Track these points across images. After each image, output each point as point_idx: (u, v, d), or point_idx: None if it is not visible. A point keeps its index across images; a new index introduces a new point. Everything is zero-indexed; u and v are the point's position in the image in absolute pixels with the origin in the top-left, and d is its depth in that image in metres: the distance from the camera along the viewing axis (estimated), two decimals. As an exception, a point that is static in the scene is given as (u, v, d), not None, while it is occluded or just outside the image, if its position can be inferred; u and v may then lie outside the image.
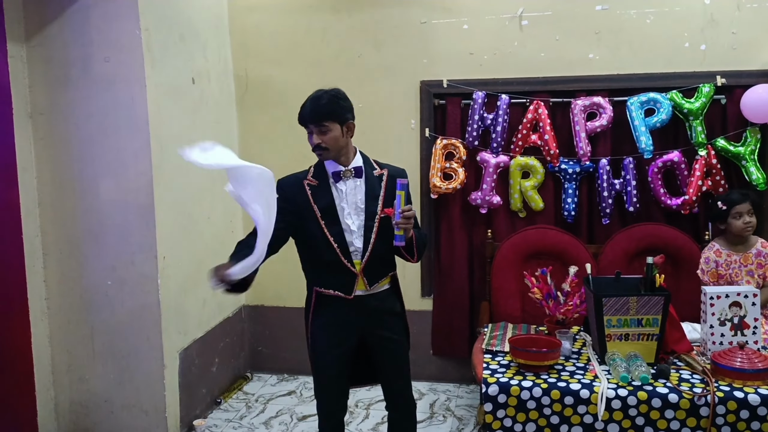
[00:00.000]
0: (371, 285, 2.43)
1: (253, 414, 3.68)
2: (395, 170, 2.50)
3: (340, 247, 2.38)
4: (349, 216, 2.39)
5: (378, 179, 2.45)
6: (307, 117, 2.35)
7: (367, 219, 2.40)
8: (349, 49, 3.91)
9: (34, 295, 3.10)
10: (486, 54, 3.76)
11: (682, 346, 2.55)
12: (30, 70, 3.07)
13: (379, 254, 2.42)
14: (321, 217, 2.37)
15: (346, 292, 2.41)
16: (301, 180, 2.42)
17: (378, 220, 2.40)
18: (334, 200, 2.39)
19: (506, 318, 3.48)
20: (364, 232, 2.40)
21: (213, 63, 3.76)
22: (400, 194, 2.28)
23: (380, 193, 2.43)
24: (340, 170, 2.40)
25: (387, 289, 2.51)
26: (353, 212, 2.40)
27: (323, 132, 2.33)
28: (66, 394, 3.24)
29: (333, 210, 2.38)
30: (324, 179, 2.41)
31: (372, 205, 2.41)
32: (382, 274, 2.47)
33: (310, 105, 2.34)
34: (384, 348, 2.51)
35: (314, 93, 2.38)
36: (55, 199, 3.13)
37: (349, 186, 2.40)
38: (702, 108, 3.45)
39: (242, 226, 4.14)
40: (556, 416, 2.31)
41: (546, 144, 3.61)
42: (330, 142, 2.34)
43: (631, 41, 3.61)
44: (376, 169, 2.48)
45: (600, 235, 3.71)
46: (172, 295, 3.27)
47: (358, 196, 2.40)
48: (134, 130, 3.05)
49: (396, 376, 2.56)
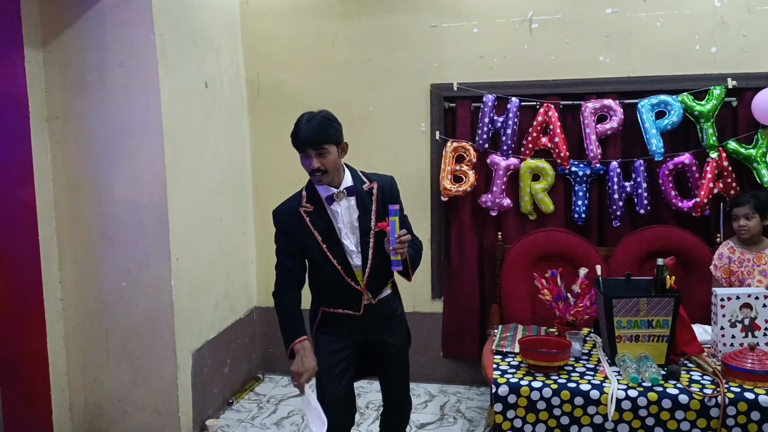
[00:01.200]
0: (375, 297, 2.46)
1: (265, 414, 3.71)
2: (384, 181, 2.48)
3: (343, 268, 2.39)
4: (347, 236, 2.40)
5: (368, 193, 2.43)
6: (305, 141, 2.27)
7: (362, 236, 2.40)
8: (359, 53, 3.94)
9: (50, 296, 3.14)
10: (496, 57, 3.78)
11: (693, 347, 2.54)
12: (47, 75, 3.12)
13: (379, 268, 2.43)
14: (322, 241, 2.38)
15: (355, 310, 2.44)
16: (296, 208, 2.41)
17: (373, 235, 2.40)
18: (332, 222, 2.39)
19: (516, 320, 3.48)
20: (362, 248, 2.41)
21: (225, 68, 3.80)
22: (394, 220, 2.27)
23: (372, 208, 2.42)
24: (333, 193, 2.37)
25: (389, 294, 2.54)
26: (349, 232, 2.40)
27: (322, 155, 2.28)
28: (81, 395, 3.28)
29: (332, 232, 2.39)
30: (318, 203, 2.40)
31: (365, 221, 2.41)
32: (383, 285, 2.49)
33: (308, 129, 2.27)
34: (385, 353, 2.56)
35: (304, 116, 2.31)
36: (71, 201, 3.18)
37: (343, 206, 2.39)
38: (713, 110, 3.45)
39: (254, 230, 4.18)
40: (566, 417, 2.31)
41: (556, 147, 3.62)
42: (329, 165, 2.31)
43: (642, 44, 3.62)
44: (366, 183, 2.45)
45: (610, 238, 3.71)
46: (185, 297, 3.30)
47: (353, 216, 2.40)
48: (148, 133, 3.10)
49: (396, 377, 2.61)
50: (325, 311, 2.49)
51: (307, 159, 2.31)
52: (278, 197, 4.35)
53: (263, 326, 4.26)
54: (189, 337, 3.35)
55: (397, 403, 2.67)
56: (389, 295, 2.53)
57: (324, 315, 2.49)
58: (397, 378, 2.62)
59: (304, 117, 2.31)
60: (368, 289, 2.43)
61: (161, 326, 3.20)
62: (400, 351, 2.59)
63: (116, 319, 3.22)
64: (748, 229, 3.09)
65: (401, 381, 2.63)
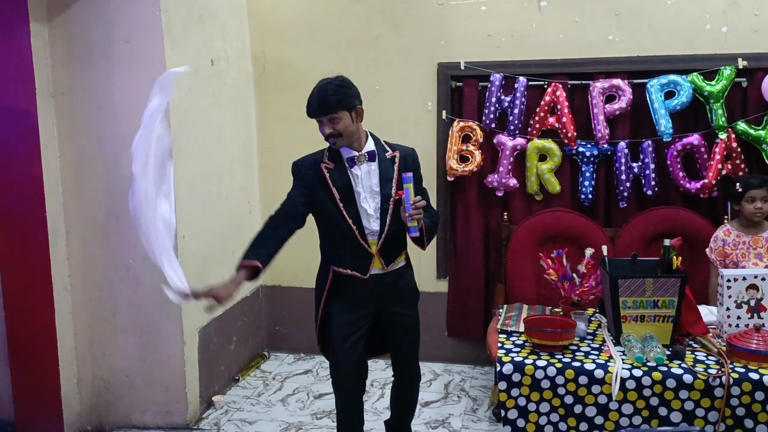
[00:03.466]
0: (388, 265, 2.50)
1: (271, 391, 3.74)
2: (406, 151, 2.57)
3: (358, 230, 2.43)
4: (366, 200, 2.45)
5: (391, 161, 2.50)
6: (314, 110, 2.39)
7: (382, 202, 2.45)
8: (366, 30, 3.91)
9: (58, 272, 3.15)
10: (504, 36, 3.74)
11: (698, 328, 2.55)
12: (52, 50, 3.09)
13: (395, 235, 2.48)
14: (339, 198, 2.43)
15: (362, 272, 2.47)
16: (318, 162, 2.47)
17: (393, 202, 2.45)
18: (351, 184, 2.44)
19: (522, 300, 3.49)
20: (380, 214, 2.45)
21: (231, 44, 3.77)
22: (408, 187, 2.33)
23: (393, 176, 2.48)
24: (354, 155, 2.45)
25: (403, 266, 2.58)
26: (369, 196, 2.45)
27: (333, 121, 2.38)
28: (88, 369, 3.31)
29: (350, 192, 2.44)
30: (340, 163, 2.46)
31: (386, 187, 2.46)
32: (397, 254, 2.53)
33: (317, 98, 2.37)
34: (398, 324, 2.60)
35: (319, 83, 2.40)
36: (78, 177, 3.18)
37: (364, 170, 2.46)
38: (723, 91, 3.42)
39: (260, 208, 4.18)
40: (570, 396, 2.33)
41: (564, 127, 3.60)
42: (342, 130, 2.39)
43: (652, 23, 3.57)
44: (388, 151, 2.53)
45: (617, 219, 3.70)
46: (191, 274, 3.29)
47: (373, 180, 2.46)
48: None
49: (407, 349, 2.66)
50: (335, 271, 2.51)
51: (321, 125, 2.41)
52: (285, 175, 4.33)
53: (269, 305, 4.28)
54: (195, 314, 3.37)
55: (410, 377, 2.72)
56: (402, 267, 2.59)
57: (334, 277, 2.52)
58: (409, 350, 2.67)
59: (318, 85, 2.40)
60: (381, 255, 2.48)
61: (168, 302, 3.17)
62: (414, 323, 2.65)
63: (123, 295, 3.23)
64: (764, 213, 3.05)
65: (413, 353, 2.68)
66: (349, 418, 2.65)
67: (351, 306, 2.51)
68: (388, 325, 2.60)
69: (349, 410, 2.64)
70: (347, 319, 2.51)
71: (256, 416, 3.46)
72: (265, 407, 3.55)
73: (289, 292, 4.23)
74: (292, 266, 4.14)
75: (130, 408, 3.31)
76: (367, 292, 2.50)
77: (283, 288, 4.24)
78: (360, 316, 2.52)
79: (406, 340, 2.65)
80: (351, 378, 2.56)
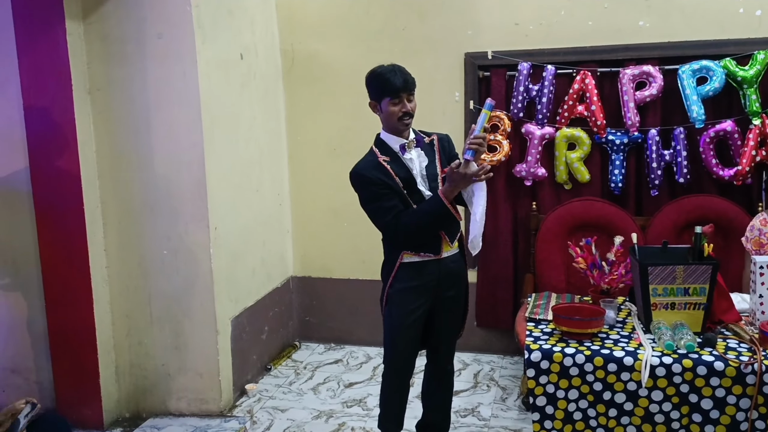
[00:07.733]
0: (452, 241, 2.62)
1: (302, 380, 3.80)
2: (442, 136, 2.70)
3: None
4: (421, 183, 2.57)
5: (430, 146, 2.63)
6: (402, 86, 2.46)
7: (430, 182, 2.58)
8: (393, 22, 3.92)
9: (96, 263, 3.25)
10: (532, 24, 3.72)
11: (730, 315, 2.51)
12: (88, 47, 3.18)
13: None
14: (404, 187, 2.53)
15: (436, 253, 2.58)
16: (377, 161, 2.54)
17: (441, 181, 2.57)
18: (410, 171, 2.55)
19: (551, 289, 3.48)
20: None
21: (260, 38, 3.83)
22: (485, 113, 2.43)
23: (435, 158, 2.61)
24: (404, 142, 2.55)
25: (458, 252, 2.69)
26: (422, 180, 2.57)
27: (411, 100, 2.51)
28: (126, 357, 3.41)
29: (411, 180, 2.55)
30: (392, 155, 2.55)
31: (432, 168, 2.59)
32: (456, 230, 2.64)
33: (401, 75, 2.47)
34: (448, 309, 2.69)
35: (390, 66, 2.50)
36: (114, 171, 3.27)
37: (414, 155, 2.58)
38: (757, 76, 3.35)
39: (290, 200, 4.24)
40: (599, 383, 2.32)
41: (593, 115, 3.57)
42: (415, 109, 2.52)
43: (683, 7, 3.51)
44: (425, 137, 2.64)
45: (648, 208, 3.66)
46: (224, 265, 3.39)
47: (423, 164, 2.59)
48: (186, 104, 3.16)
49: (448, 337, 2.74)
50: (403, 263, 2.58)
51: (397, 104, 2.48)
52: (314, 168, 4.38)
53: (299, 295, 4.34)
54: (228, 304, 3.45)
55: (442, 362, 2.79)
56: (458, 253, 2.68)
57: (401, 265, 2.59)
58: (450, 334, 2.75)
59: (385, 67, 2.49)
60: (446, 234, 2.58)
61: (201, 292, 3.29)
62: (461, 308, 2.75)
63: (158, 285, 3.32)
64: None
65: (453, 337, 2.77)
66: (396, 397, 2.73)
67: (412, 293, 2.59)
68: (437, 311, 2.67)
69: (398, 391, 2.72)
70: (409, 307, 2.60)
71: (288, 404, 3.52)
72: (297, 395, 3.61)
73: (319, 282, 4.28)
74: (321, 257, 4.20)
75: (166, 395, 3.40)
76: (429, 277, 2.58)
77: (313, 279, 4.30)
78: (420, 303, 2.60)
79: (451, 326, 2.73)
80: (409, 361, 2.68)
